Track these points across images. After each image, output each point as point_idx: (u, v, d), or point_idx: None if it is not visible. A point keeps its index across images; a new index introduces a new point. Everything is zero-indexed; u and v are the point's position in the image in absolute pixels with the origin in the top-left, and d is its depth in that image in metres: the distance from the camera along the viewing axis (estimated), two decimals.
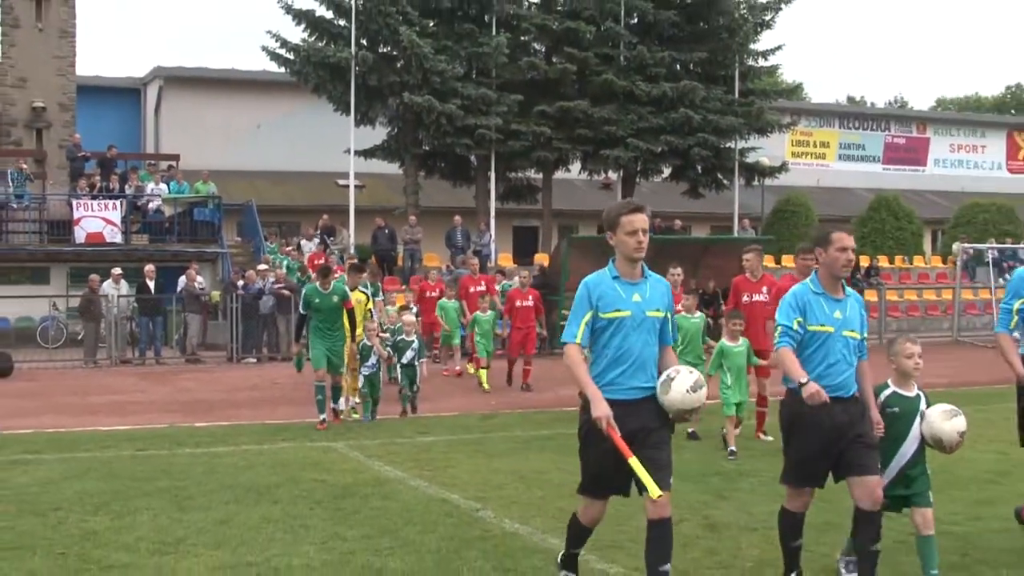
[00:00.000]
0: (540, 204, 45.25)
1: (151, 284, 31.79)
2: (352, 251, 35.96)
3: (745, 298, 16.48)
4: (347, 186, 40.63)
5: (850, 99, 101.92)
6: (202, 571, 8.79)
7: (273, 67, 41.83)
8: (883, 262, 46.79)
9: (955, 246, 44.46)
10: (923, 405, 8.64)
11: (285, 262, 33.96)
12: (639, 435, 7.56)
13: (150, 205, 37.39)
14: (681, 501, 11.49)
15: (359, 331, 18.53)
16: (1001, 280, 43.52)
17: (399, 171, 43.26)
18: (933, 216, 57.93)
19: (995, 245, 45.04)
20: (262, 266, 33.07)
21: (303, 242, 37.07)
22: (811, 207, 49.68)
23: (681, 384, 7.62)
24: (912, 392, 8.66)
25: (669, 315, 8.03)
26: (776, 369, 11.50)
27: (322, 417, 17.34)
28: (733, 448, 14.54)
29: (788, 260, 42.23)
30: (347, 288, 18.44)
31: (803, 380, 8.06)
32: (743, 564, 9.09)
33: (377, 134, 42.45)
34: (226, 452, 14.85)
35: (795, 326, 8.28)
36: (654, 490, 7.27)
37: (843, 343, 8.29)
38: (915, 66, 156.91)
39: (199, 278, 32.26)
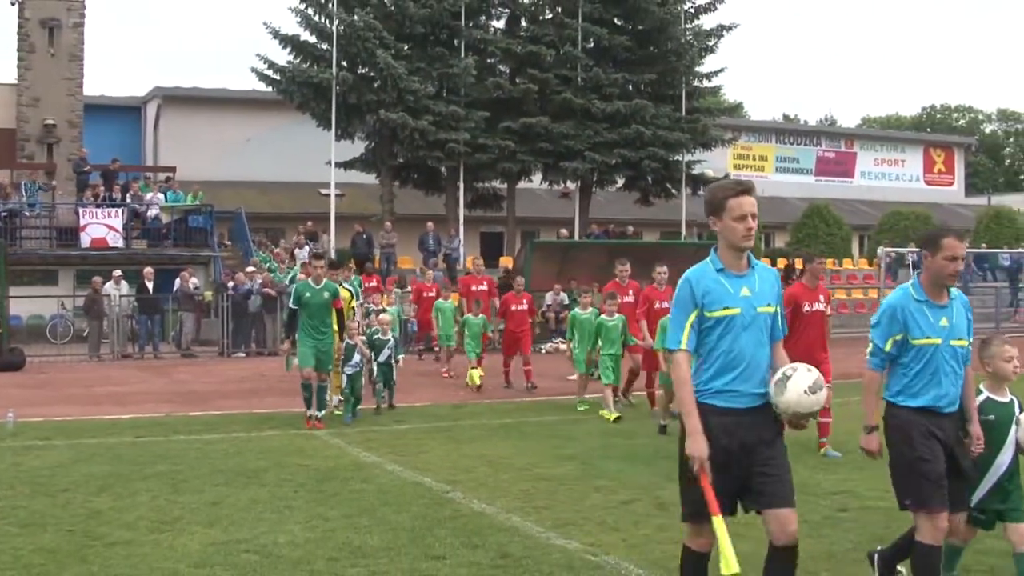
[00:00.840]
0: (505, 212, 45.25)
1: (150, 285, 31.78)
2: (333, 255, 35.90)
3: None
4: (328, 195, 40.54)
5: (785, 117, 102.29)
6: (196, 547, 8.80)
7: (261, 86, 41.86)
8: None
9: (880, 250, 44.75)
10: (1018, 411, 7.39)
11: (275, 272, 33.83)
12: (754, 449, 6.16)
13: (149, 213, 37.17)
14: (633, 482, 11.59)
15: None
16: None
17: (376, 181, 43.16)
18: (860, 223, 58.15)
19: (914, 249, 45.24)
20: (250, 268, 33.08)
21: (296, 250, 36.87)
22: None
23: (798, 384, 6.15)
24: (1006, 398, 7.39)
25: (779, 308, 6.45)
26: None
27: (309, 413, 16.25)
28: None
29: None
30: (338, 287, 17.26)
31: (870, 424, 7.19)
32: None
33: (356, 147, 42.42)
34: (218, 439, 14.82)
35: (889, 347, 7.03)
36: (729, 566, 5.86)
37: (951, 353, 6.98)
38: (843, 88, 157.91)
39: (193, 279, 32.18)
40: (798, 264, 43.76)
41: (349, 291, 19.09)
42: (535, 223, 48.30)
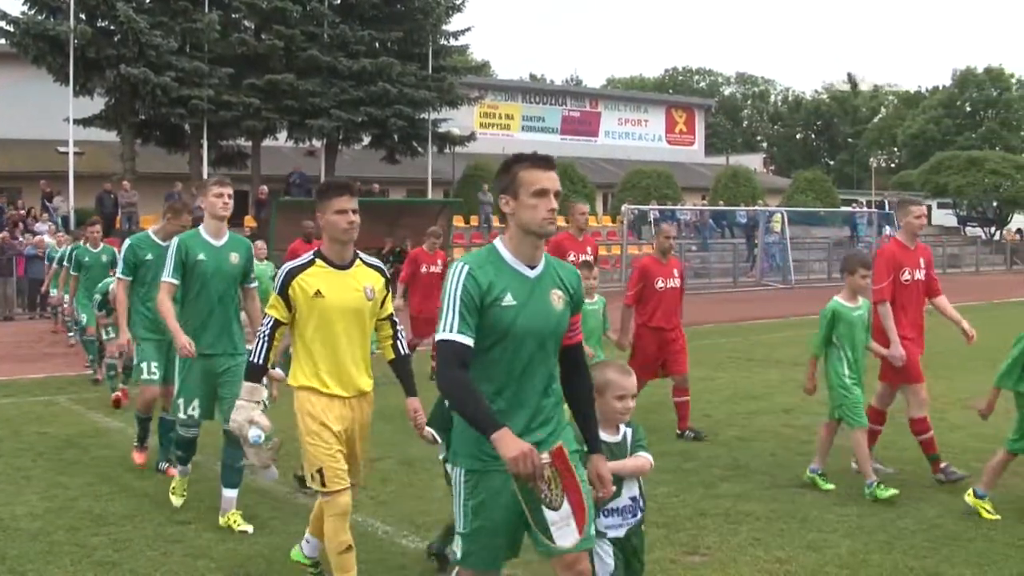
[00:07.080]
0: (250, 170, 44.78)
1: None
2: (71, 215, 34.89)
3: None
4: (67, 153, 39.27)
5: (532, 77, 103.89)
6: None
7: None
8: (560, 222, 47.98)
9: (623, 208, 46.12)
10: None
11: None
12: None
13: None
14: (380, 439, 11.63)
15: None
16: None
17: (117, 139, 42.09)
18: (604, 181, 59.55)
19: (656, 207, 47.01)
20: None
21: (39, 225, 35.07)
22: None
23: None
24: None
25: None
26: None
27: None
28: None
29: (476, 220, 43.06)
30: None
31: None
32: (434, 495, 9.31)
33: (96, 104, 41.11)
34: None
35: None
36: None
37: None
38: (588, 49, 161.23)
39: None
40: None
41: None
42: (280, 182, 47.90)
